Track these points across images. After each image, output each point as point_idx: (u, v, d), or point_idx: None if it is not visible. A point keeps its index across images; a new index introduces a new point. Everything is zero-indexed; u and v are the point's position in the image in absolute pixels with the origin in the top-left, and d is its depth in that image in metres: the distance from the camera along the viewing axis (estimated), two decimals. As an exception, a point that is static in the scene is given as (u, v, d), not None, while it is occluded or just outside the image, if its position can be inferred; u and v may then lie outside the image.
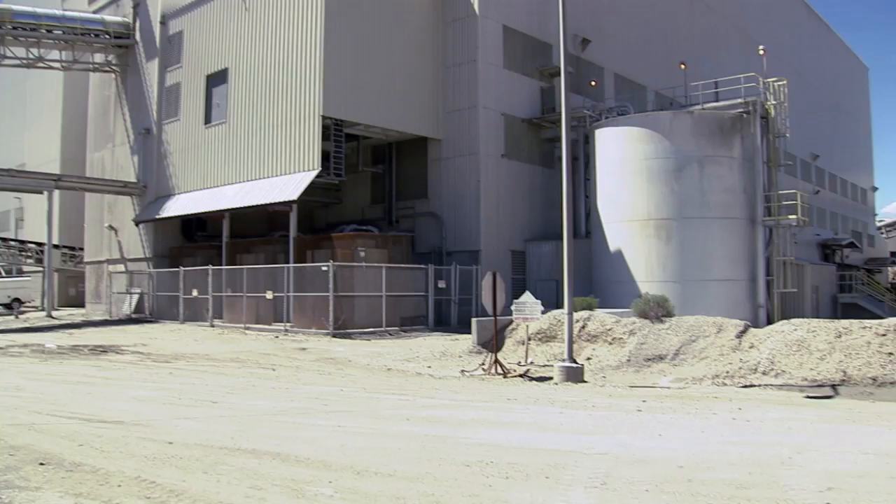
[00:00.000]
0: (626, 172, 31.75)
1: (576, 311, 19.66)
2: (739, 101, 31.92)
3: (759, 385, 16.21)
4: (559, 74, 23.80)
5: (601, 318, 21.31)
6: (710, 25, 54.37)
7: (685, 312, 21.65)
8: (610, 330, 20.62)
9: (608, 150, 32.79)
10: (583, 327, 20.98)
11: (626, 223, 31.58)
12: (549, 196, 36.72)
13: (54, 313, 44.18)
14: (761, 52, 33.45)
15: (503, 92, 36.28)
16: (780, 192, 31.95)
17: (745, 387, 16.13)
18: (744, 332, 18.89)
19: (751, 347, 18.07)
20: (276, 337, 28.76)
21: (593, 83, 40.07)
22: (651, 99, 44.57)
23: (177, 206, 39.58)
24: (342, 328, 28.33)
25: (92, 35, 44.30)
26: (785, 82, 32.33)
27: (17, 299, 53.35)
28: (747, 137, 31.36)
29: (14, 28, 41.54)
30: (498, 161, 35.60)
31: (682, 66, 36.25)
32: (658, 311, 20.67)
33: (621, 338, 20.17)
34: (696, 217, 30.49)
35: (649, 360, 18.85)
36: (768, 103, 31.81)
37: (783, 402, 14.08)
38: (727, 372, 17.20)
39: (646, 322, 20.37)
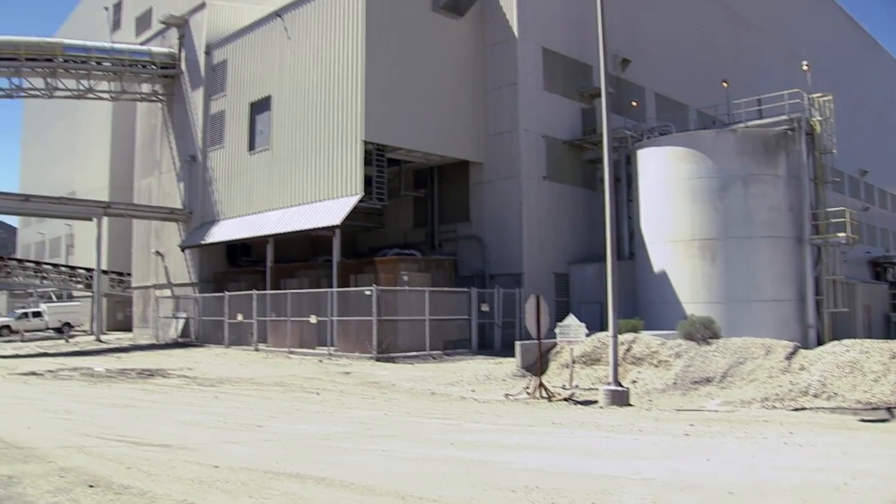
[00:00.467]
0: (670, 192, 31.49)
1: (620, 334, 19.47)
2: (784, 118, 31.54)
3: (811, 408, 15.89)
4: (600, 95, 23.69)
5: (646, 340, 21.07)
6: (752, 42, 53.93)
7: (732, 334, 21.32)
8: (655, 352, 20.37)
9: (651, 171, 32.57)
10: (628, 350, 20.75)
11: (669, 244, 31.29)
12: (591, 218, 36.48)
13: (103, 337, 44.91)
14: (805, 68, 33.03)
15: (544, 114, 36.23)
16: (828, 209, 31.35)
17: (796, 410, 15.83)
18: (793, 353, 18.53)
19: (801, 369, 17.72)
20: (320, 361, 28.84)
21: (634, 103, 39.87)
22: (693, 118, 44.23)
23: (221, 232, 40.03)
24: (386, 352, 28.35)
25: (139, 66, 45.28)
26: (830, 98, 31.90)
27: (67, 323, 54.41)
28: (793, 155, 30.92)
29: (65, 61, 42.61)
30: (540, 183, 35.51)
31: (725, 84, 35.95)
32: (704, 332, 20.39)
33: (667, 360, 19.91)
34: (741, 237, 30.08)
35: (696, 382, 18.57)
36: (813, 119, 31.35)
37: (836, 425, 13.79)
38: (777, 395, 16.89)
39: (692, 344, 20.09)
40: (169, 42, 46.41)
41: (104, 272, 49.78)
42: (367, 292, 28.75)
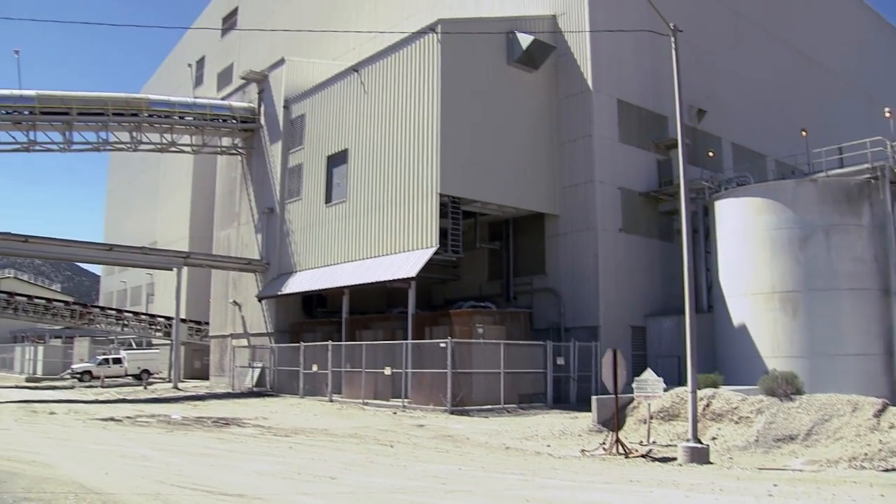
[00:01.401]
0: (748, 244, 30.91)
1: (699, 389, 19.03)
2: (866, 166, 30.74)
3: (903, 469, 15.23)
4: (676, 146, 23.52)
5: (726, 395, 20.55)
6: (831, 89, 53.13)
7: (815, 389, 20.71)
8: (736, 408, 19.84)
9: (729, 222, 32.05)
10: (707, 405, 20.26)
11: (749, 296, 30.63)
12: (668, 270, 36.03)
13: (180, 385, 45.67)
14: (887, 115, 32.21)
15: (619, 166, 36.06)
16: (916, 260, 30.36)
17: (887, 471, 15.16)
18: (882, 410, 17.86)
19: (891, 427, 17.05)
20: (394, 413, 28.79)
21: (711, 154, 39.40)
22: (771, 168, 43.56)
23: (298, 283, 40.52)
24: (460, 405, 28.17)
25: (220, 120, 46.62)
26: (915, 144, 31.03)
27: (146, 370, 55.61)
28: (876, 204, 30.10)
29: (150, 115, 44.08)
30: (615, 235, 35.21)
31: (803, 133, 35.31)
32: (787, 388, 19.82)
33: (748, 417, 19.37)
34: (823, 289, 29.28)
35: (779, 440, 18.01)
36: (898, 167, 30.55)
37: (931, 488, 13.18)
38: (865, 454, 16.23)
39: (774, 400, 19.53)
40: (249, 97, 47.68)
41: (183, 321, 50.76)
42: (442, 345, 28.71)
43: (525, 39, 35.22)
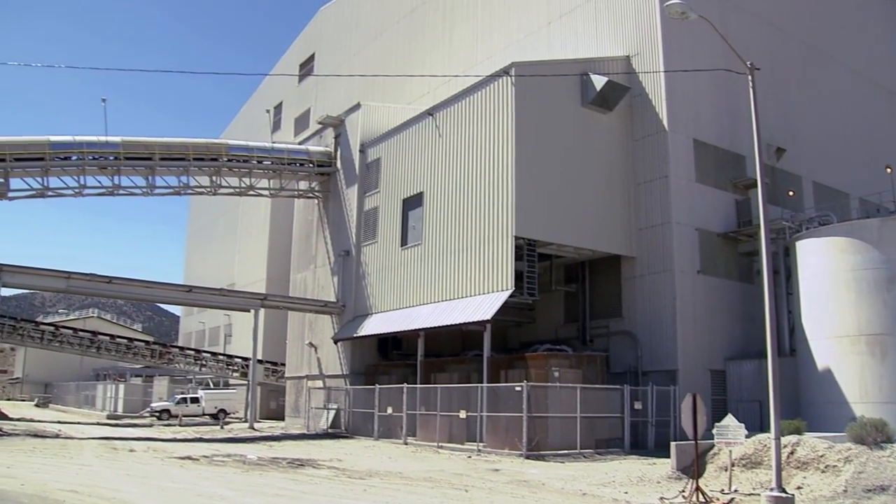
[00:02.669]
0: (832, 285, 30.08)
1: (782, 436, 18.47)
2: (955, 203, 29.85)
3: None
4: (754, 186, 23.10)
5: (811, 443, 19.89)
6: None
7: (908, 438, 19.90)
8: (822, 456, 19.16)
9: (811, 263, 31.28)
10: (791, 453, 19.62)
11: (833, 339, 29.75)
12: (748, 312, 35.31)
13: (256, 425, 46.09)
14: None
15: (696, 206, 35.56)
16: None
17: None
18: (979, 461, 17.08)
19: None
20: (469, 457, 28.60)
21: (791, 193, 38.65)
22: (855, 206, 42.43)
23: (373, 325, 40.75)
24: (535, 449, 27.85)
25: (297, 164, 47.57)
26: None
27: (222, 410, 56.43)
28: (970, 243, 29.08)
29: (229, 160, 45.24)
30: (693, 277, 34.63)
31: (888, 170, 34.44)
32: (876, 435, 19.10)
33: (835, 465, 18.69)
34: (914, 331, 28.28)
35: (869, 491, 17.31)
36: None
37: None
38: (963, 507, 15.53)
39: (863, 448, 18.83)
40: (325, 141, 48.52)
41: (259, 362, 51.40)
42: (518, 388, 28.51)
43: (599, 81, 35.15)
